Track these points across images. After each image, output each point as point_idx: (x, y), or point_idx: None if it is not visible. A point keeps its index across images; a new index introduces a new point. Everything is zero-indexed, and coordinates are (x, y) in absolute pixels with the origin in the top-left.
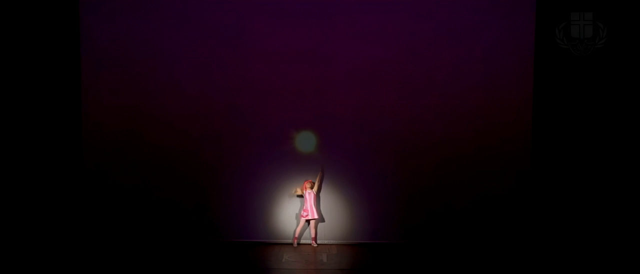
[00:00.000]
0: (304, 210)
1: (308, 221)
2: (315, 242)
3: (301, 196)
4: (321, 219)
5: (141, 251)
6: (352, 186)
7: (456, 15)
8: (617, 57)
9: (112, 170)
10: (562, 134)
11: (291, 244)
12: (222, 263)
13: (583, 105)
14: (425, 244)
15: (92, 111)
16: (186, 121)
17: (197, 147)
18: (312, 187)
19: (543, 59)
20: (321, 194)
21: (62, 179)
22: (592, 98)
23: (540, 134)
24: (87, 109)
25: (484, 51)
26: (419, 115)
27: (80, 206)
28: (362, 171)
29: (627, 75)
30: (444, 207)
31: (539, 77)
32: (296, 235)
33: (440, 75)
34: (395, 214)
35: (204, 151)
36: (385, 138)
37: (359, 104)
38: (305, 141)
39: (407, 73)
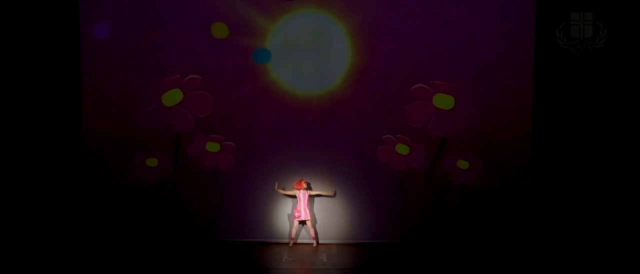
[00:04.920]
0: (296, 210)
1: (301, 223)
2: (317, 242)
3: (292, 196)
4: (315, 219)
5: (141, 252)
6: (352, 185)
7: (456, 15)
8: (617, 57)
9: (111, 171)
10: (562, 133)
11: (299, 244)
12: (222, 263)
13: (583, 105)
14: (425, 244)
15: (92, 114)
16: (186, 122)
17: (197, 147)
18: (307, 188)
19: (543, 59)
20: (322, 194)
21: (62, 181)
22: (592, 98)
23: (540, 134)
24: (87, 112)
25: (484, 51)
26: (419, 115)
27: (81, 207)
28: (362, 171)
29: (627, 75)
30: (444, 207)
31: (539, 77)
32: (292, 236)
33: (439, 75)
34: (395, 214)
35: (203, 151)
36: (385, 138)
37: (359, 104)
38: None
39: (406, 73)
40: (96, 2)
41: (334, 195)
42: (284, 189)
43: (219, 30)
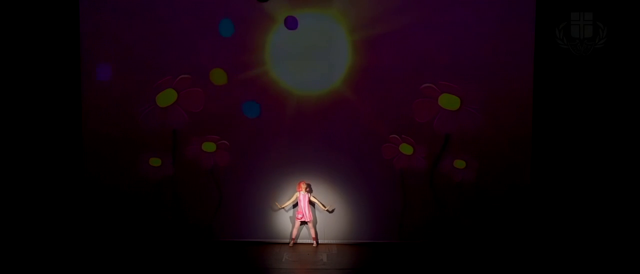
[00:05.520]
0: (298, 212)
1: (303, 223)
2: (317, 242)
3: (294, 204)
4: (315, 219)
5: (142, 252)
6: (353, 186)
7: (456, 15)
8: (617, 57)
9: (112, 171)
10: (562, 133)
11: (301, 244)
12: (222, 263)
13: (583, 105)
14: (425, 244)
15: (92, 114)
16: (185, 122)
17: (196, 148)
18: (307, 190)
19: (543, 59)
20: (322, 194)
21: (62, 181)
22: (592, 98)
23: (540, 134)
24: (87, 112)
25: (484, 51)
26: (419, 115)
27: (81, 207)
28: (362, 171)
29: (627, 75)
30: (444, 207)
31: (539, 77)
32: (293, 237)
33: (440, 75)
34: (395, 214)
35: (203, 152)
36: (385, 138)
37: (359, 104)
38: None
39: (406, 73)
40: (96, 2)
41: (331, 211)
42: (283, 204)
43: (218, 77)
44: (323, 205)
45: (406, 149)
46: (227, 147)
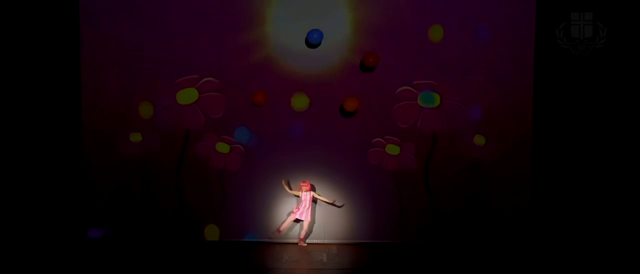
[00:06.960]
0: (296, 208)
1: (297, 221)
2: (304, 242)
3: (296, 195)
4: (312, 220)
5: (142, 251)
6: (352, 185)
7: (456, 15)
8: (617, 57)
9: (112, 172)
10: (562, 133)
11: (296, 243)
12: (222, 263)
13: (583, 105)
14: (425, 244)
15: (92, 114)
16: (185, 122)
17: (196, 148)
18: (311, 190)
19: (543, 59)
20: (322, 193)
21: (62, 180)
22: (592, 98)
23: (540, 134)
24: (87, 112)
25: (484, 51)
26: (419, 115)
27: (81, 207)
28: (362, 171)
29: (627, 75)
30: (444, 207)
31: (539, 77)
32: (281, 228)
33: (439, 75)
34: (395, 214)
35: (203, 152)
36: (375, 141)
37: (360, 105)
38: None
39: (406, 73)
40: (95, 1)
41: (339, 206)
42: (289, 187)
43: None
44: (327, 200)
45: (395, 149)
46: (240, 152)
